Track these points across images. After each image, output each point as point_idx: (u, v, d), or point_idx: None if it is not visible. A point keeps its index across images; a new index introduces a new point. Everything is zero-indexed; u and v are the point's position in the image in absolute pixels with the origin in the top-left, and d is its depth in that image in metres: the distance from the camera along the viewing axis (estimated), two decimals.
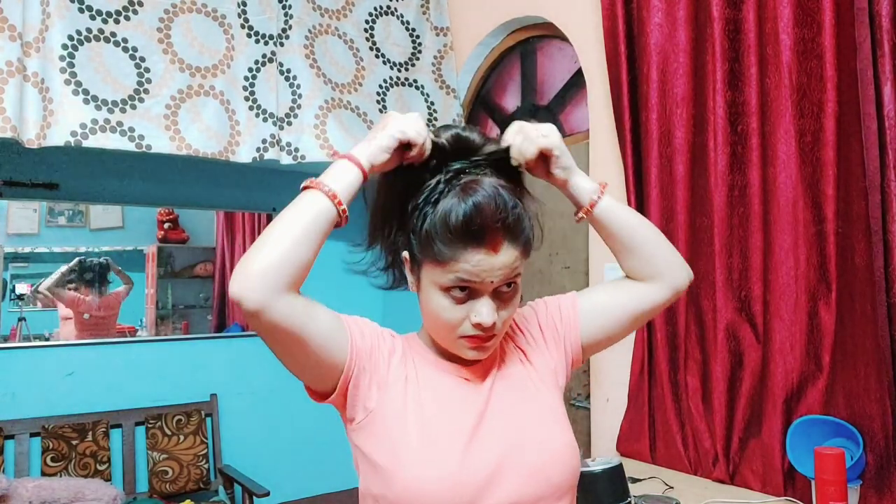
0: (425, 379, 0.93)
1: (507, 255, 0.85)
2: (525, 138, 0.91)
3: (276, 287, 0.79)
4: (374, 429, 0.90)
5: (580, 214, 0.99)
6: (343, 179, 0.85)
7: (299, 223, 0.82)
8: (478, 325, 0.86)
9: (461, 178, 0.88)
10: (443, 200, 0.85)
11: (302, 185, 0.86)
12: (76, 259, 3.26)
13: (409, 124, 0.87)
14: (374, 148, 0.87)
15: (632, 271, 1.02)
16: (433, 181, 0.88)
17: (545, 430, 0.93)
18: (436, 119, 3.17)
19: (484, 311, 0.86)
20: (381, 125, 0.88)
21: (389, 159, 0.87)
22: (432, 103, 3.18)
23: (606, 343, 1.04)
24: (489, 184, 0.85)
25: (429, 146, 0.88)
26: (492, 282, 0.85)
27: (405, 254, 0.92)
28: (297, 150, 2.76)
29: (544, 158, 0.93)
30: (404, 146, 0.87)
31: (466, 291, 0.86)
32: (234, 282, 0.79)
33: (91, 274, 3.28)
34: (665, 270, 1.00)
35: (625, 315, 1.02)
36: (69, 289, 3.23)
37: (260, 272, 0.79)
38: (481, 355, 0.91)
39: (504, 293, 0.88)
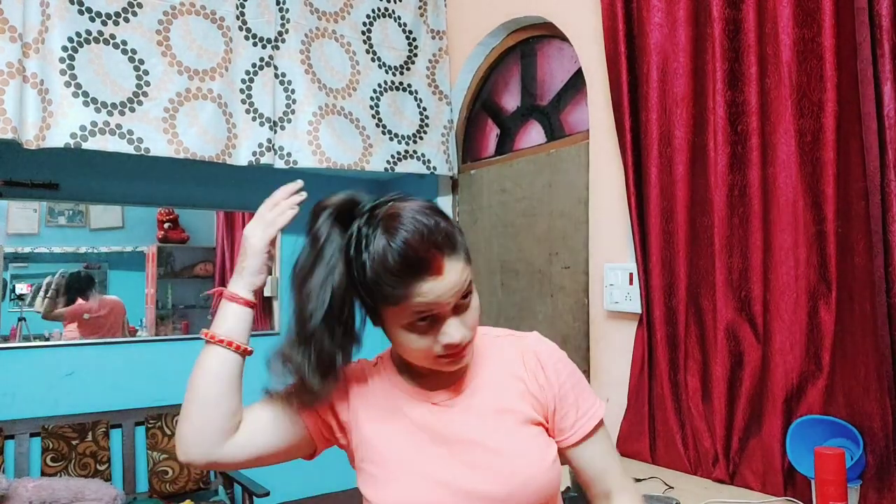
0: (391, 408, 0.95)
1: (453, 272, 0.84)
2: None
3: (212, 446, 0.87)
4: (358, 457, 0.95)
5: None
6: (231, 320, 0.91)
7: (209, 383, 0.89)
8: (449, 346, 0.87)
9: (377, 212, 0.86)
10: (372, 244, 0.83)
11: (202, 334, 0.91)
12: (54, 275, 3.24)
13: (250, 229, 0.92)
14: (247, 275, 0.92)
15: None
16: (354, 228, 0.87)
17: (516, 451, 0.92)
18: (427, 125, 3.16)
19: (451, 331, 0.86)
20: (240, 254, 0.93)
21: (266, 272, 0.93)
22: (424, 109, 3.17)
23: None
24: (407, 214, 0.83)
25: (289, 215, 0.93)
26: (448, 303, 0.85)
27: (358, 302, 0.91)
28: (289, 154, 2.76)
29: None
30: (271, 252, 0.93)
31: (428, 320, 0.85)
32: (178, 452, 0.88)
33: (79, 284, 3.28)
34: None
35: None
36: (62, 305, 3.24)
37: (193, 441, 0.87)
38: (462, 363, 0.91)
39: (463, 304, 0.87)
